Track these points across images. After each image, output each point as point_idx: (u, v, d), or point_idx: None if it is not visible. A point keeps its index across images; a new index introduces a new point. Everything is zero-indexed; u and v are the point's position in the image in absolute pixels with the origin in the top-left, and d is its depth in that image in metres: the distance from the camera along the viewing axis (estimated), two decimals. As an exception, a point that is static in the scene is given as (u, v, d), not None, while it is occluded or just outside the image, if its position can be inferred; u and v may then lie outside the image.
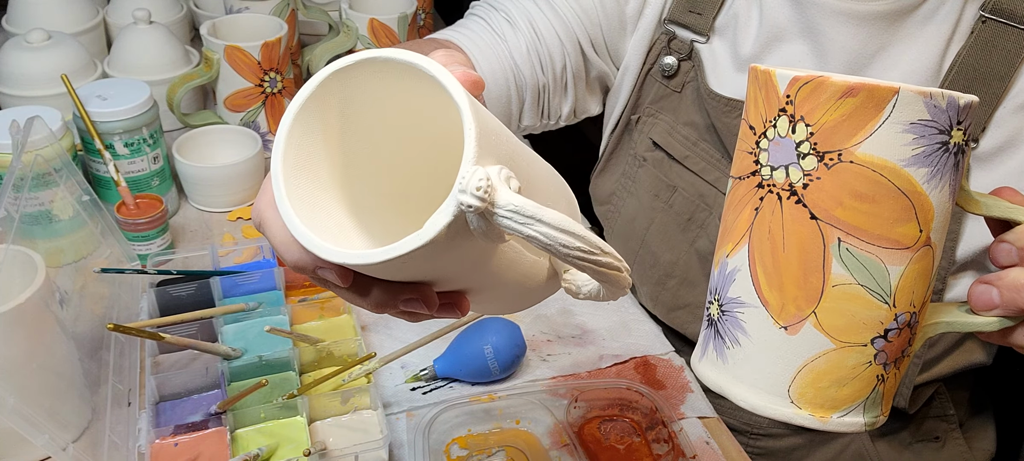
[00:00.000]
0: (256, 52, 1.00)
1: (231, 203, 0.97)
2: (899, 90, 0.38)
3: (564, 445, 0.69)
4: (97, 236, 0.81)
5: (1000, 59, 0.64)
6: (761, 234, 0.42)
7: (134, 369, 0.73)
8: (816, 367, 0.43)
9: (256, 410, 0.67)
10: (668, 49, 0.79)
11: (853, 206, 0.40)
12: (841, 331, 0.42)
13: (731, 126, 0.74)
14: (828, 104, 0.39)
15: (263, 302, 0.77)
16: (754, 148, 0.42)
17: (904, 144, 0.39)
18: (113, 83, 0.92)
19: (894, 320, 0.42)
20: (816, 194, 0.40)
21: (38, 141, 0.78)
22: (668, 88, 0.79)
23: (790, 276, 0.42)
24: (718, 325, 0.46)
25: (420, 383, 0.75)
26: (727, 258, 0.44)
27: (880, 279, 0.41)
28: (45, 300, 0.64)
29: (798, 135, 0.40)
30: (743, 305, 0.43)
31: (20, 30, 1.09)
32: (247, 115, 1.04)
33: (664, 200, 0.80)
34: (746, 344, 0.44)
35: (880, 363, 0.43)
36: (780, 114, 0.41)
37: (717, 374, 0.46)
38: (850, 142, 0.39)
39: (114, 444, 0.66)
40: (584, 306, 0.85)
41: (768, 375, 0.44)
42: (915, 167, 0.39)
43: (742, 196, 0.43)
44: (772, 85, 0.41)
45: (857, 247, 0.40)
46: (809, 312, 0.42)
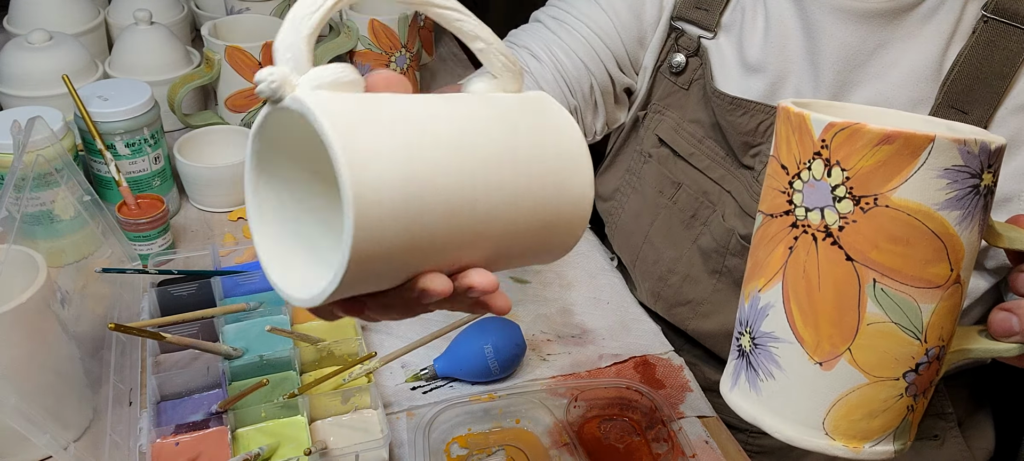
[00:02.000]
0: (257, 52, 1.00)
1: (232, 203, 0.97)
2: (935, 138, 0.39)
3: (564, 444, 0.69)
4: (98, 236, 0.81)
5: (1002, 59, 0.64)
6: (796, 273, 0.44)
7: (135, 369, 0.73)
8: (850, 400, 0.44)
9: (257, 409, 0.67)
10: (676, 46, 0.79)
11: (888, 248, 0.41)
12: (875, 366, 0.43)
13: (735, 124, 0.74)
14: (864, 150, 0.40)
15: (264, 302, 0.78)
16: (787, 188, 0.44)
17: (938, 189, 0.40)
18: (114, 83, 0.92)
19: (925, 354, 0.44)
20: (852, 236, 0.41)
21: (39, 141, 0.78)
22: (676, 85, 0.80)
23: (825, 314, 0.43)
24: (751, 357, 0.47)
25: (420, 382, 0.75)
26: (760, 293, 0.46)
27: (913, 317, 0.42)
28: (46, 300, 0.64)
29: (834, 179, 0.41)
30: (777, 340, 0.45)
31: (21, 30, 1.09)
32: (248, 115, 1.04)
33: (668, 197, 0.80)
34: (781, 378, 0.46)
35: (910, 395, 0.45)
36: (815, 157, 0.42)
37: (750, 405, 0.48)
38: (886, 187, 0.40)
39: (115, 443, 0.66)
40: (584, 306, 0.86)
41: (803, 408, 0.45)
42: (948, 210, 0.41)
43: (775, 233, 0.45)
44: (806, 128, 0.42)
45: (892, 287, 0.42)
46: (844, 349, 0.43)
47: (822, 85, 0.71)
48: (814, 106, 0.45)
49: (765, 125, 0.73)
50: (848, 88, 0.70)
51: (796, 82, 0.72)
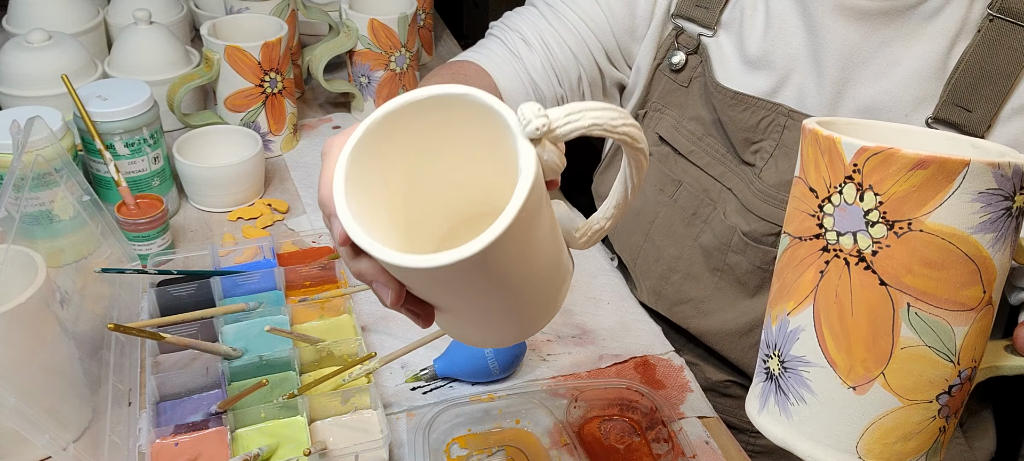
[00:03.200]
0: (256, 52, 1.00)
1: (231, 203, 0.97)
2: (970, 163, 0.39)
3: (564, 445, 0.69)
4: (98, 236, 0.81)
5: (1007, 58, 0.64)
6: (827, 297, 0.43)
7: (134, 369, 0.73)
8: (883, 424, 0.44)
9: (256, 410, 0.67)
10: (676, 44, 0.79)
11: (923, 273, 0.41)
12: (909, 390, 0.43)
13: (736, 120, 0.74)
14: (898, 175, 0.40)
15: (263, 302, 0.78)
16: (817, 212, 0.43)
17: (972, 212, 0.40)
18: (113, 83, 0.92)
19: (958, 376, 0.44)
20: (886, 261, 0.41)
21: (39, 141, 0.78)
22: (675, 83, 0.80)
23: (859, 339, 0.43)
24: (780, 381, 0.47)
25: (420, 383, 0.75)
26: (789, 316, 0.45)
27: (946, 340, 0.42)
28: (46, 300, 0.64)
29: (866, 203, 0.41)
30: (809, 364, 0.45)
31: (21, 30, 1.09)
32: (247, 115, 1.04)
33: (669, 195, 0.80)
34: (812, 402, 0.45)
35: (943, 416, 0.45)
36: (846, 181, 0.42)
37: (781, 430, 0.47)
38: (920, 212, 0.40)
39: (114, 444, 0.66)
40: (584, 306, 0.85)
41: (836, 432, 0.45)
42: (981, 233, 0.41)
43: (804, 257, 0.44)
44: (837, 152, 0.42)
45: (926, 311, 0.42)
46: (878, 373, 0.43)
47: (825, 82, 0.71)
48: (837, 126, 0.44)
49: (766, 122, 0.73)
50: (851, 85, 0.70)
51: (798, 79, 0.72)
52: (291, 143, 1.11)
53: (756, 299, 0.78)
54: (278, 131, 1.08)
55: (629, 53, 0.83)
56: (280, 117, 1.07)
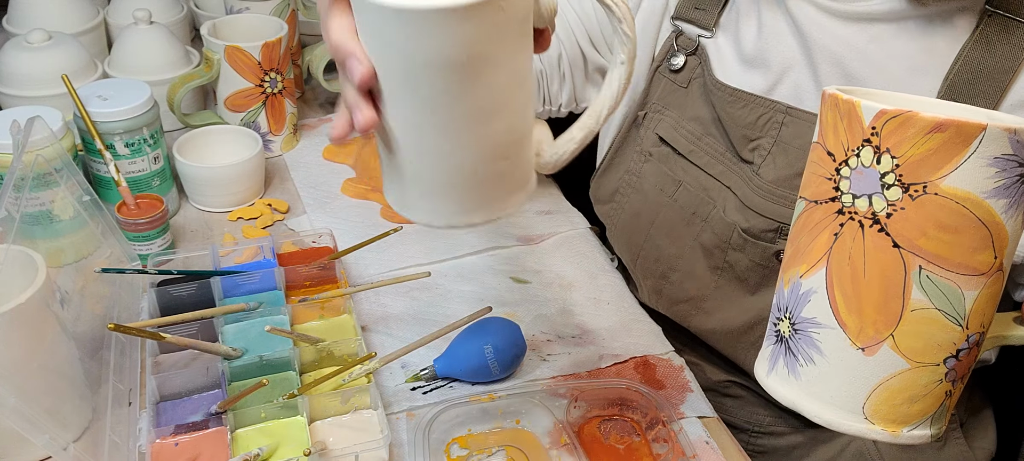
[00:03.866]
0: (256, 52, 1.00)
1: (232, 203, 0.97)
2: (987, 127, 0.40)
3: (564, 445, 0.69)
4: (98, 236, 0.81)
5: (1005, 53, 0.64)
6: (841, 259, 0.44)
7: (135, 369, 0.73)
8: (891, 385, 0.45)
9: (256, 410, 0.67)
10: (676, 47, 0.80)
11: (936, 236, 0.42)
12: (917, 352, 0.44)
13: (735, 117, 0.74)
14: (915, 138, 0.41)
15: (263, 302, 0.78)
16: (833, 175, 0.44)
17: (987, 177, 0.41)
18: (114, 83, 0.92)
19: (966, 341, 0.44)
20: (900, 224, 0.42)
21: (39, 141, 0.78)
22: (675, 84, 0.80)
23: (870, 301, 0.43)
24: (790, 343, 0.47)
25: (420, 383, 0.75)
26: (801, 279, 0.46)
27: (957, 304, 0.43)
28: (46, 300, 0.64)
29: (883, 166, 0.42)
30: (819, 326, 0.45)
31: (21, 30, 1.09)
32: (247, 115, 1.04)
33: (669, 195, 0.80)
34: (821, 363, 0.46)
35: (949, 380, 0.45)
36: (864, 144, 0.42)
37: (789, 390, 0.48)
38: (936, 175, 0.41)
39: (114, 444, 0.66)
40: (584, 306, 0.86)
41: (844, 393, 0.46)
42: (995, 198, 0.41)
43: (819, 220, 0.45)
44: (856, 115, 0.42)
45: (937, 274, 0.42)
46: (887, 335, 0.44)
47: (821, 81, 0.71)
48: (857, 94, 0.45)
49: (764, 118, 0.73)
50: (848, 83, 0.70)
51: (794, 77, 0.72)
52: (291, 143, 1.11)
53: (756, 297, 0.78)
54: (278, 131, 1.08)
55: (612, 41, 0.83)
56: (280, 117, 1.07)
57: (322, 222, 0.96)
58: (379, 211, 0.99)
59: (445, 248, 0.93)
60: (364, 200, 1.01)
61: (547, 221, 0.98)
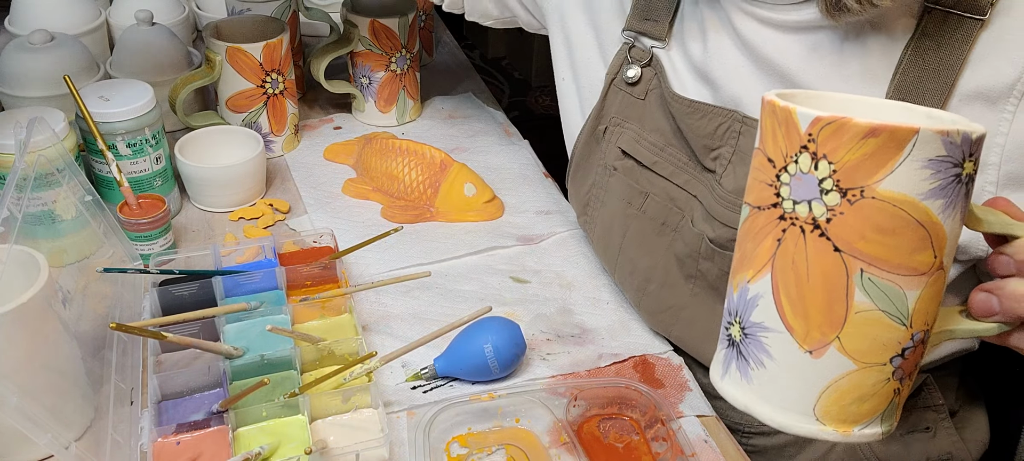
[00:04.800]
0: (258, 53, 1.01)
1: (233, 203, 0.98)
2: (919, 130, 0.40)
3: (563, 443, 0.69)
4: (100, 236, 0.81)
5: (948, 49, 0.63)
6: (784, 264, 0.44)
7: (136, 368, 0.73)
8: (839, 386, 0.45)
9: (258, 409, 0.67)
10: (629, 58, 0.80)
11: (875, 239, 0.42)
12: (863, 353, 0.44)
13: (695, 128, 0.74)
14: (851, 144, 0.41)
15: (265, 301, 0.78)
16: (774, 181, 0.44)
17: (922, 179, 0.41)
18: (115, 84, 0.93)
19: (911, 339, 0.45)
20: (839, 228, 0.42)
21: (41, 141, 0.78)
22: (632, 96, 0.80)
23: (815, 304, 0.44)
24: (741, 347, 0.48)
25: (420, 382, 0.76)
26: (749, 284, 0.47)
27: (899, 304, 0.43)
28: (48, 300, 0.64)
29: (821, 172, 0.42)
30: (767, 330, 0.46)
31: (23, 31, 1.09)
32: (249, 116, 1.05)
33: (637, 207, 0.80)
34: (771, 366, 0.46)
35: (897, 378, 0.46)
36: (801, 151, 0.43)
37: (742, 394, 0.49)
38: (872, 179, 0.41)
39: (116, 443, 0.66)
40: (584, 306, 0.86)
41: (794, 396, 0.46)
42: (932, 199, 0.42)
43: (762, 226, 0.45)
44: (792, 122, 0.43)
45: (879, 276, 0.43)
46: (833, 337, 0.44)
47: (771, 84, 0.70)
48: (797, 98, 0.45)
49: (723, 128, 0.72)
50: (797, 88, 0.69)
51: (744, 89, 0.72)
52: (292, 144, 1.11)
53: None
54: (279, 132, 1.08)
55: None
56: (281, 118, 1.07)
57: (323, 222, 0.96)
58: (379, 211, 0.99)
59: (445, 248, 0.93)
60: (365, 200, 1.01)
61: (547, 221, 0.99)
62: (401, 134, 1.15)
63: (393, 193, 1.01)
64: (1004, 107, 0.62)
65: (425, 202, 0.99)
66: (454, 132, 1.17)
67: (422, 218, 0.98)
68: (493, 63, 2.98)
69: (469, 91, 1.29)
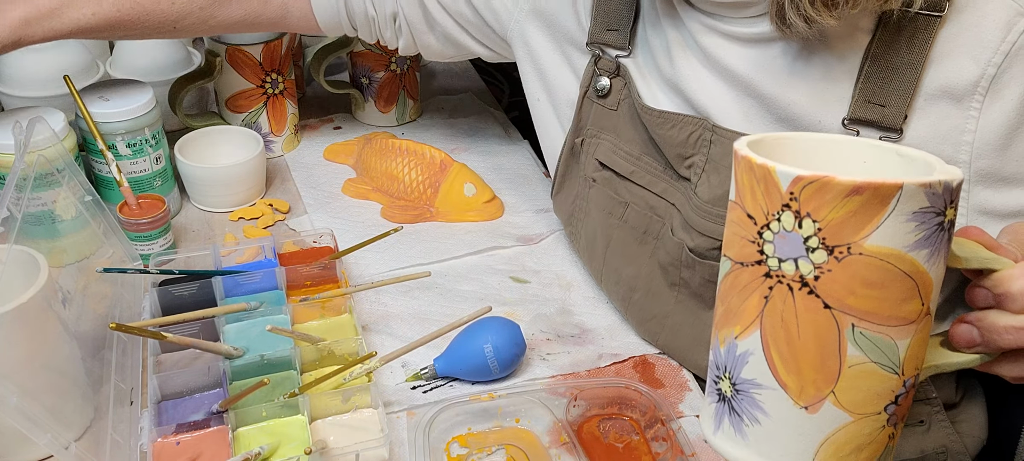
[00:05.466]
0: (258, 53, 1.01)
1: (233, 203, 0.98)
2: (903, 186, 0.40)
3: (563, 443, 0.69)
4: (99, 236, 0.81)
5: (911, 47, 0.63)
6: (774, 322, 0.44)
7: (136, 368, 0.73)
8: (837, 439, 0.45)
9: (257, 409, 0.67)
10: (597, 69, 0.80)
11: (865, 294, 0.42)
12: (858, 405, 0.44)
13: (667, 138, 0.74)
14: (834, 202, 0.41)
15: (264, 302, 0.78)
16: (756, 238, 0.44)
17: (908, 232, 0.41)
18: (115, 84, 0.93)
19: (903, 386, 0.45)
20: (828, 285, 0.42)
21: (41, 141, 0.78)
22: (604, 108, 0.80)
23: (807, 361, 0.44)
24: (733, 403, 0.48)
25: (420, 382, 0.76)
26: (736, 340, 0.46)
27: (891, 354, 0.44)
28: (48, 300, 0.64)
29: (805, 230, 0.42)
30: (760, 387, 0.46)
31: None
32: (249, 116, 1.05)
33: (618, 217, 0.80)
34: (766, 423, 0.46)
35: (891, 424, 0.46)
36: (784, 209, 0.42)
37: (738, 449, 0.48)
38: (858, 235, 0.41)
39: (116, 443, 0.66)
40: (584, 306, 0.86)
41: (792, 451, 0.46)
42: (917, 250, 0.42)
43: (747, 282, 0.45)
44: (772, 181, 0.42)
45: (870, 330, 0.43)
46: (828, 392, 0.44)
47: (738, 97, 0.70)
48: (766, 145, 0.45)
49: (694, 136, 0.72)
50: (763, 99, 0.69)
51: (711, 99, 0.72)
52: (292, 144, 1.11)
53: None
54: (279, 132, 1.08)
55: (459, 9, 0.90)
56: (281, 118, 1.07)
57: (323, 222, 0.96)
58: (379, 211, 0.99)
59: (445, 248, 0.93)
60: (365, 200, 1.01)
61: (547, 220, 0.99)
62: (401, 134, 1.15)
63: (393, 193, 1.01)
64: (970, 105, 0.62)
65: (425, 202, 0.99)
66: (454, 132, 1.17)
67: (422, 218, 0.98)
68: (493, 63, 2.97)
69: (469, 91, 1.29)
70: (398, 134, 1.15)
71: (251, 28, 0.94)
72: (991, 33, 0.61)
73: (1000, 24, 0.61)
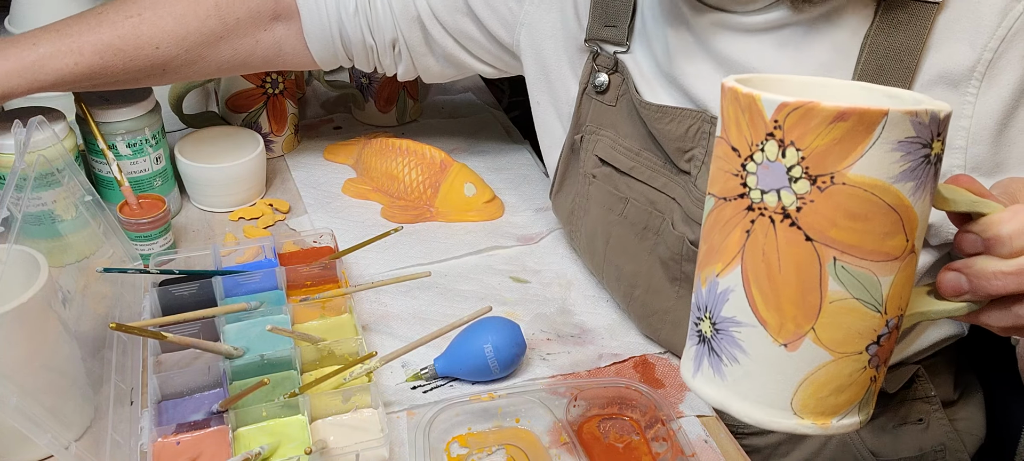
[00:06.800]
0: (257, 53, 1.01)
1: (233, 203, 0.98)
2: (888, 113, 0.39)
3: (563, 443, 0.69)
4: (100, 236, 0.81)
5: (908, 33, 0.63)
6: (755, 256, 0.44)
7: (136, 368, 0.73)
8: (816, 378, 0.44)
9: (258, 409, 0.67)
10: (596, 66, 0.80)
11: (847, 226, 0.41)
12: (839, 343, 0.44)
13: (666, 132, 0.74)
14: (819, 129, 0.40)
15: (265, 301, 0.78)
16: (739, 171, 0.43)
17: (893, 162, 0.40)
18: (115, 84, 0.92)
19: (885, 325, 0.44)
20: (810, 217, 0.41)
21: (41, 141, 0.78)
22: (603, 104, 0.80)
23: (788, 296, 0.43)
24: (712, 343, 0.47)
25: (420, 382, 0.76)
26: (718, 278, 0.46)
27: (873, 291, 0.43)
28: (48, 300, 0.64)
29: (788, 159, 0.41)
30: (739, 324, 0.45)
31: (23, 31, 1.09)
32: (249, 116, 1.05)
33: (618, 213, 0.80)
34: (745, 362, 0.46)
35: (873, 366, 0.45)
36: (768, 138, 0.42)
37: (716, 391, 0.48)
38: (842, 164, 0.40)
39: (116, 443, 0.66)
40: (584, 306, 0.86)
41: (770, 390, 0.45)
42: (902, 182, 0.41)
43: (730, 217, 0.45)
44: (757, 109, 0.42)
45: (852, 264, 0.42)
46: (808, 328, 0.43)
47: None
48: (755, 83, 0.44)
49: (693, 129, 0.72)
50: None
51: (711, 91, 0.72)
52: (292, 143, 1.11)
53: None
54: (279, 131, 1.08)
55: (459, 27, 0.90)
56: (281, 117, 1.07)
57: (323, 222, 0.97)
58: (379, 211, 0.99)
59: (445, 248, 0.93)
60: (365, 200, 1.01)
61: (547, 220, 0.99)
62: (401, 134, 1.15)
63: (393, 193, 1.01)
64: (966, 89, 0.62)
65: (425, 202, 0.99)
66: (454, 132, 1.17)
67: (422, 218, 0.98)
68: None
69: (469, 91, 1.30)
70: (398, 134, 1.15)
71: (244, 69, 0.92)
72: (988, 18, 0.61)
73: (996, 9, 0.61)
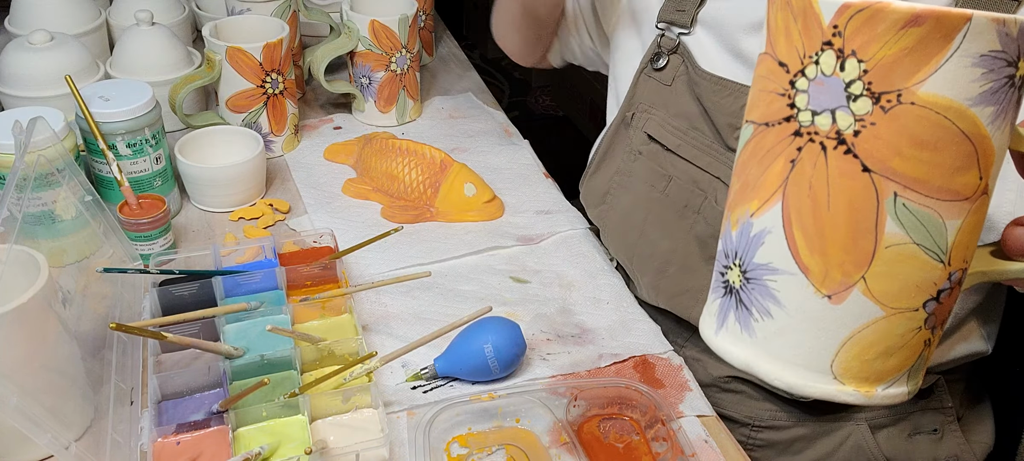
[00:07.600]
0: (258, 53, 1.01)
1: (233, 203, 0.98)
2: (971, 18, 0.33)
3: (563, 443, 0.69)
4: (100, 236, 0.81)
5: None
6: (799, 190, 0.37)
7: (136, 368, 0.73)
8: (863, 338, 0.38)
9: (258, 409, 0.67)
10: (660, 47, 0.83)
11: (913, 155, 0.35)
12: (893, 297, 0.37)
13: (721, 106, 0.76)
14: (886, 36, 0.34)
15: (265, 301, 0.78)
16: (787, 89, 0.37)
17: (971, 80, 0.34)
18: (116, 84, 0.92)
19: (948, 279, 0.38)
20: (870, 142, 0.35)
21: (41, 141, 0.78)
22: (659, 82, 0.83)
23: (835, 238, 0.37)
24: (741, 294, 0.41)
25: (421, 382, 0.76)
26: (752, 218, 0.39)
27: (937, 236, 0.37)
28: (48, 300, 0.64)
29: (848, 73, 0.35)
30: (776, 272, 0.39)
31: (23, 31, 1.09)
32: (249, 116, 1.05)
33: (660, 190, 0.81)
34: (779, 316, 0.39)
35: (929, 327, 0.39)
36: (824, 48, 0.35)
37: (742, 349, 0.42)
38: (911, 80, 0.34)
39: (116, 443, 0.66)
40: (584, 306, 0.86)
41: (808, 350, 0.39)
42: (981, 106, 0.35)
43: (771, 145, 0.38)
44: (813, 13, 0.35)
45: (915, 202, 0.36)
46: (858, 278, 0.37)
47: None
48: None
49: None
50: None
51: None
52: (292, 144, 1.11)
53: None
54: (279, 132, 1.08)
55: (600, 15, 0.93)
56: (281, 118, 1.07)
57: (323, 222, 0.97)
58: (379, 211, 0.99)
59: (445, 248, 0.93)
60: (365, 200, 1.01)
61: (547, 221, 0.99)
62: (401, 134, 1.15)
63: (393, 193, 1.01)
64: None
65: (425, 202, 0.99)
66: (454, 132, 1.17)
67: (422, 218, 0.98)
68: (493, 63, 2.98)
69: (469, 91, 1.30)
70: (398, 134, 1.15)
71: None
72: None
73: None
